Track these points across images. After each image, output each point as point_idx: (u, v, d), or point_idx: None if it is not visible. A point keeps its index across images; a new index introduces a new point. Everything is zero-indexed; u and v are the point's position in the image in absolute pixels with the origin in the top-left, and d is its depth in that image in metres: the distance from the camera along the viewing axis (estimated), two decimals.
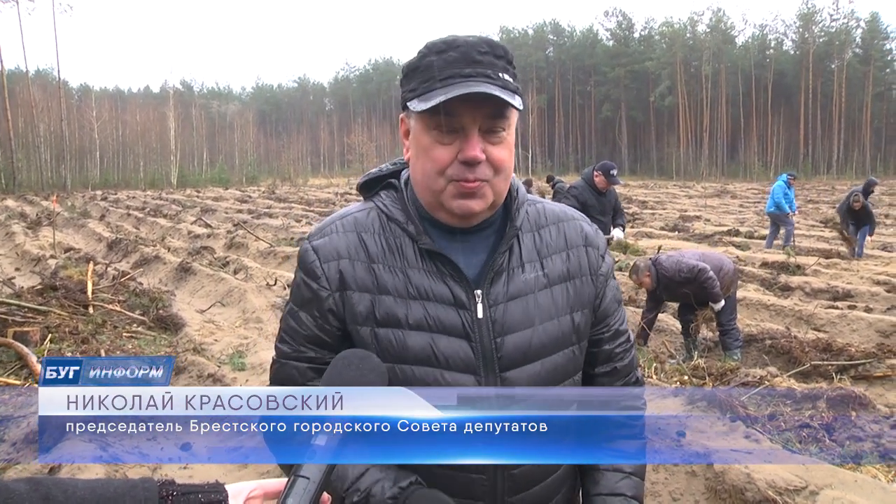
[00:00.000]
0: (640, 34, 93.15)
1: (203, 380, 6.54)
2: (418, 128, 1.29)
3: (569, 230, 1.45)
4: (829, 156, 76.51)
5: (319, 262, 1.35)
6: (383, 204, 1.39)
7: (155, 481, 0.93)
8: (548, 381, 1.35)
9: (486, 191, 1.28)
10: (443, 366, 1.29)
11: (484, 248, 1.36)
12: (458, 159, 1.25)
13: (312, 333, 1.35)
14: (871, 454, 4.59)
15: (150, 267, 13.40)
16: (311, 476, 0.93)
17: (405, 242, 1.34)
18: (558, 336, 1.37)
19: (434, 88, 1.22)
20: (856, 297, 9.66)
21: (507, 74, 1.25)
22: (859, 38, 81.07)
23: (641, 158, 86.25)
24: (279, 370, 1.40)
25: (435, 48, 1.26)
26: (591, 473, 1.46)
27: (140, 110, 77.68)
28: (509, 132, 1.29)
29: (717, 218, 22.72)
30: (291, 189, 48.43)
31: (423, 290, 1.31)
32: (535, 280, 1.37)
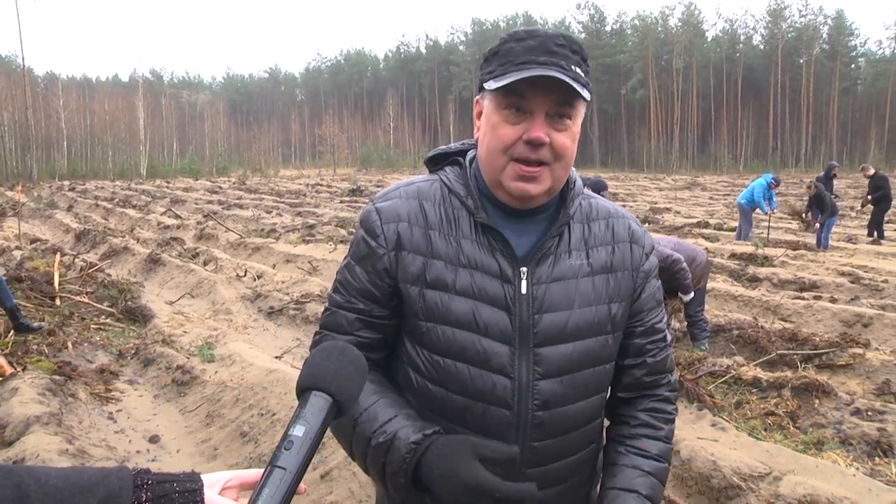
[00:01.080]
0: (612, 27, 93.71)
1: (172, 371, 6.49)
2: (490, 106, 1.35)
3: (617, 226, 1.51)
4: (797, 149, 77.71)
5: (381, 221, 1.42)
6: (447, 178, 1.46)
7: (130, 470, 0.93)
8: (579, 364, 1.41)
9: (545, 176, 1.34)
10: (482, 332, 1.36)
11: (536, 231, 1.43)
12: (523, 139, 1.31)
13: (364, 287, 1.42)
14: (832, 440, 4.69)
15: (119, 258, 13.23)
16: (287, 467, 0.92)
17: (462, 215, 1.41)
18: (594, 322, 1.42)
19: (509, 70, 1.29)
20: (821, 288, 9.84)
21: (580, 69, 1.32)
22: (826, 35, 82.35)
23: (612, 151, 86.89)
24: (329, 317, 1.47)
25: (516, 36, 1.34)
26: (610, 468, 1.50)
27: (108, 99, 76.47)
28: (575, 121, 1.35)
29: (687, 210, 22.99)
30: (262, 180, 48.05)
31: (473, 260, 1.38)
32: (579, 267, 1.43)
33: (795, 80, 79.29)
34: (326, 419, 1.00)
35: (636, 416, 1.54)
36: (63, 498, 0.85)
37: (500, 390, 1.37)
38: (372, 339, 1.44)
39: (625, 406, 1.57)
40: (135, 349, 7.30)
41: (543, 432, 1.40)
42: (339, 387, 1.03)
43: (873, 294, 9.45)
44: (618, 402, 1.58)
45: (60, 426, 4.93)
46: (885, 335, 7.46)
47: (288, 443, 0.95)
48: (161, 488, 0.91)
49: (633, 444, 1.51)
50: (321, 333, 1.49)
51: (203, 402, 5.83)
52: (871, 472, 4.27)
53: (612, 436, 1.57)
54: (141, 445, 5.19)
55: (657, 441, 1.51)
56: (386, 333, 1.45)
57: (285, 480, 0.91)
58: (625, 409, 1.56)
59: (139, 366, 6.92)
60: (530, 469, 1.40)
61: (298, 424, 0.97)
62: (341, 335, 1.43)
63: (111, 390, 6.23)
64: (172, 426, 5.61)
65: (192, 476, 0.95)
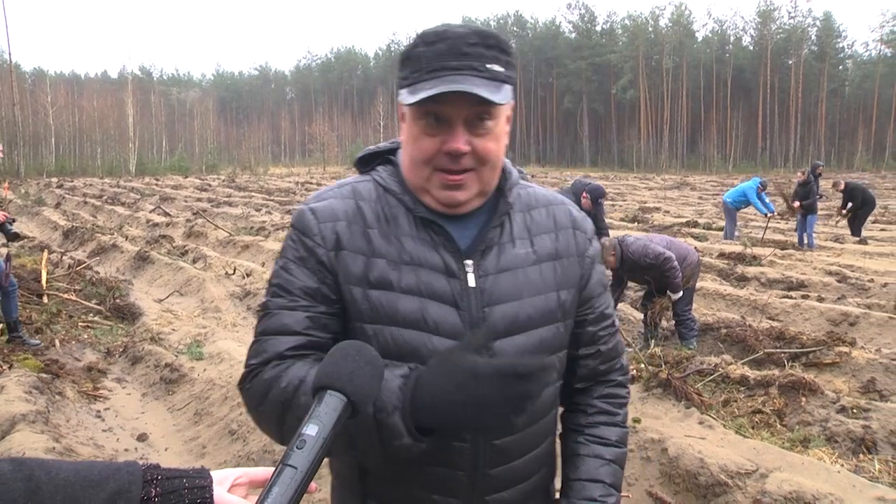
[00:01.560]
0: (603, 27, 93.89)
1: (160, 369, 6.47)
2: (409, 116, 1.31)
3: (558, 213, 1.50)
4: (785, 149, 78.11)
5: (317, 221, 1.36)
6: (380, 177, 1.42)
7: (139, 464, 0.93)
8: (532, 354, 1.38)
9: (472, 181, 1.32)
10: (432, 331, 1.31)
11: (476, 224, 1.39)
12: (442, 150, 1.28)
13: (308, 285, 1.34)
14: (818, 438, 4.73)
15: (108, 256, 13.16)
16: (298, 466, 0.91)
17: (400, 212, 1.37)
18: (545, 310, 1.40)
19: (422, 80, 1.24)
20: (809, 287, 9.90)
21: (498, 64, 1.27)
22: (814, 36, 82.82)
23: (602, 150, 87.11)
24: (270, 321, 1.35)
25: (426, 38, 1.28)
26: (572, 459, 1.50)
27: (97, 96, 75.96)
28: (496, 122, 1.31)
29: (677, 209, 23.07)
30: (252, 178, 47.88)
31: (416, 256, 1.34)
32: (525, 256, 1.40)
33: (784, 81, 79.68)
34: (340, 419, 0.99)
35: (592, 404, 1.53)
36: (74, 491, 0.86)
37: None
38: (324, 340, 1.32)
39: (580, 395, 1.55)
40: (123, 347, 7.27)
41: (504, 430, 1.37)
42: (356, 387, 1.02)
43: (860, 293, 9.52)
44: (573, 391, 1.55)
45: (47, 424, 4.91)
46: (870, 334, 7.52)
47: (300, 441, 0.94)
48: (170, 484, 0.92)
49: (593, 433, 1.50)
50: (262, 340, 1.34)
51: (191, 400, 5.81)
52: (856, 468, 4.30)
53: (570, 425, 1.55)
54: (129, 444, 5.18)
55: (615, 427, 1.52)
56: (337, 334, 1.34)
57: (296, 480, 0.90)
58: (580, 397, 1.55)
59: (127, 364, 6.90)
60: (493, 469, 1.37)
61: (312, 423, 0.96)
62: (289, 336, 1.32)
63: (99, 388, 6.21)
64: (160, 424, 5.59)
65: (202, 472, 0.95)
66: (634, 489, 4.18)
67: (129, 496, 0.88)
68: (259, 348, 1.34)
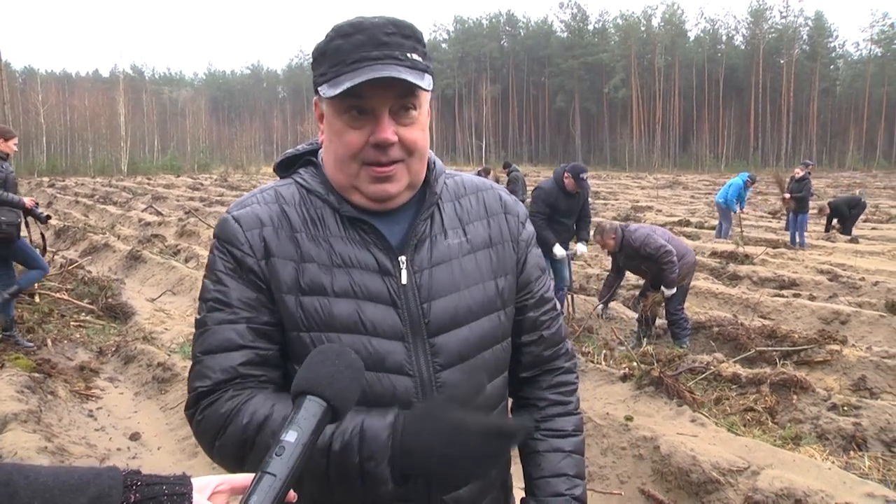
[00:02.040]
0: (595, 26, 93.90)
1: (153, 368, 6.45)
2: (330, 112, 1.28)
3: (488, 198, 1.47)
4: (778, 148, 78.36)
5: (242, 229, 1.30)
6: (303, 179, 1.37)
7: (120, 470, 0.92)
8: (476, 346, 1.35)
9: (402, 172, 1.29)
10: (370, 332, 1.27)
11: (405, 217, 1.36)
12: (369, 142, 1.25)
13: (244, 295, 1.28)
14: (809, 435, 4.75)
15: (100, 255, 13.12)
16: (277, 473, 0.90)
17: (326, 213, 1.32)
18: (484, 301, 1.37)
19: (343, 73, 1.21)
20: (800, 286, 9.95)
21: (416, 54, 1.25)
22: (806, 36, 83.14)
23: (595, 149, 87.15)
24: (212, 337, 1.28)
25: (342, 31, 1.25)
26: (532, 457, 1.47)
27: (89, 95, 75.67)
28: (420, 112, 1.29)
29: (669, 208, 23.14)
30: (244, 177, 47.79)
31: (347, 257, 1.29)
32: (458, 246, 1.37)
33: (776, 81, 79.94)
34: (320, 425, 0.97)
35: (543, 397, 1.51)
36: (53, 496, 0.84)
37: (401, 391, 1.28)
38: (270, 351, 1.28)
39: (529, 387, 1.52)
40: (115, 346, 7.25)
41: None
42: (335, 391, 0.99)
43: (851, 292, 9.57)
44: (521, 384, 1.53)
45: (39, 424, 4.89)
46: (861, 332, 7.56)
47: (279, 448, 0.92)
48: (150, 490, 0.91)
49: (549, 427, 1.48)
50: (204, 360, 1.27)
51: (184, 399, 5.76)
52: (846, 465, 4.34)
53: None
54: (121, 443, 5.17)
55: (570, 416, 1.50)
56: (281, 345, 1.29)
57: (274, 487, 0.89)
58: (529, 390, 1.52)
59: (120, 363, 6.88)
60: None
61: (291, 430, 0.94)
62: (235, 352, 1.26)
63: (91, 388, 6.19)
64: (153, 423, 5.58)
65: (182, 479, 0.94)
66: (627, 487, 4.19)
67: (109, 501, 0.87)
68: (203, 369, 1.26)
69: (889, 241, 14.79)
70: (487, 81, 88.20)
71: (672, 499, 3.99)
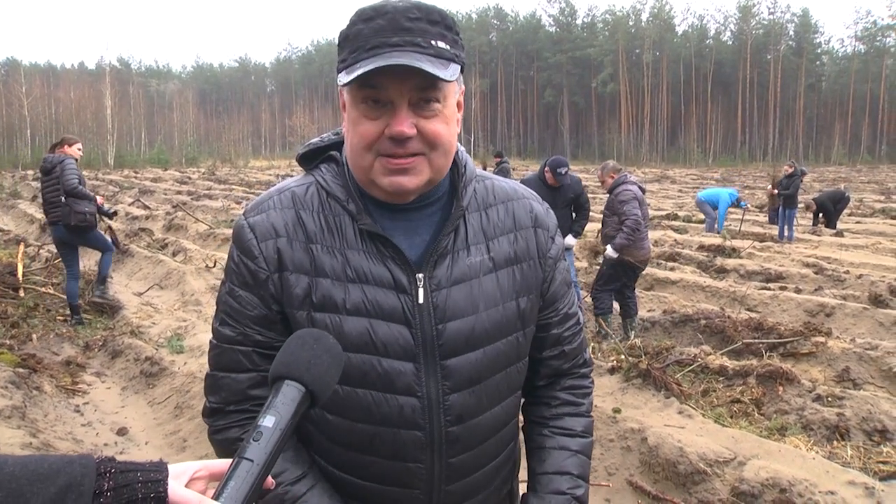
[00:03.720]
0: (583, 21, 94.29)
1: (140, 363, 6.42)
2: (348, 100, 1.21)
3: (518, 210, 1.39)
4: (764, 143, 78.90)
5: (257, 240, 1.26)
6: (323, 179, 1.31)
7: (93, 458, 0.89)
8: (490, 369, 1.31)
9: (422, 166, 1.20)
10: (381, 353, 1.23)
11: (428, 228, 1.30)
12: (385, 135, 1.17)
13: (259, 314, 1.27)
14: (794, 426, 4.80)
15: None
16: (255, 459, 0.89)
17: (345, 222, 1.26)
18: (502, 322, 1.31)
19: (360, 59, 1.14)
20: (787, 279, 10.02)
21: (443, 41, 1.16)
22: (792, 32, 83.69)
23: (583, 143, 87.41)
24: (221, 356, 1.30)
25: (364, 15, 1.18)
26: (538, 452, 1.45)
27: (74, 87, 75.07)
28: (445, 104, 1.20)
29: (657, 203, 23.23)
30: (232, 170, 47.58)
31: (363, 272, 1.24)
32: (480, 264, 1.30)
33: (763, 76, 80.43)
34: (299, 409, 0.97)
35: (556, 396, 1.48)
36: (19, 486, 0.82)
37: (408, 412, 1.25)
38: None
39: (543, 388, 1.50)
40: (102, 341, 7.21)
41: (459, 447, 1.30)
42: (314, 376, 0.99)
43: (836, 285, 9.65)
44: (535, 387, 1.51)
45: (24, 419, 4.86)
46: (846, 324, 7.63)
47: (257, 434, 0.92)
48: (124, 477, 0.88)
49: (558, 425, 1.45)
50: (216, 376, 1.31)
51: (172, 393, 5.78)
52: (830, 454, 4.38)
53: (534, 418, 1.50)
54: (108, 438, 5.14)
55: (580, 417, 1.47)
56: None
57: (252, 473, 0.89)
58: (544, 391, 1.50)
59: (107, 358, 6.85)
60: (450, 485, 1.32)
61: (269, 415, 0.94)
62: (242, 373, 1.27)
63: (78, 383, 6.16)
64: (141, 418, 5.56)
65: (158, 465, 0.92)
66: (615, 478, 4.22)
67: (82, 489, 0.84)
68: (216, 385, 1.31)
69: (873, 235, 14.92)
70: (476, 75, 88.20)
71: (659, 490, 4.01)
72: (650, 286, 9.60)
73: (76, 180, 7.53)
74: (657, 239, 13.58)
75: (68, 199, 7.53)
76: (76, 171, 7.63)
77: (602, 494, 4.11)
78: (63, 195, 7.54)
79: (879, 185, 32.35)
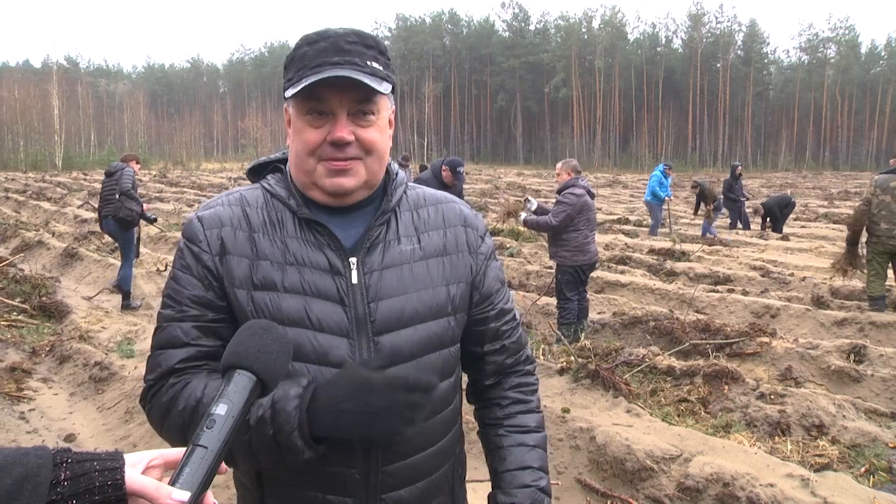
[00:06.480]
0: (536, 27, 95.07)
1: (90, 368, 6.32)
2: (294, 113, 1.35)
3: (447, 211, 1.52)
4: (714, 149, 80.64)
5: (203, 228, 1.38)
6: (268, 183, 1.44)
7: (49, 449, 0.91)
8: (422, 348, 1.39)
9: (359, 169, 1.35)
10: (316, 328, 1.32)
11: (363, 222, 1.42)
12: (327, 140, 1.31)
13: (194, 293, 1.35)
14: (739, 423, 4.95)
15: (33, 253, 12.73)
16: (209, 445, 0.93)
17: (286, 216, 1.39)
18: (432, 305, 1.41)
19: (305, 76, 1.29)
20: (734, 282, 10.29)
21: (377, 63, 1.33)
22: (741, 41, 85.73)
23: (536, 148, 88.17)
24: (161, 335, 1.37)
25: (308, 39, 1.33)
26: (497, 452, 1.52)
27: (19, 86, 72.84)
28: (379, 116, 1.36)
29: (609, 207, 23.57)
30: (183, 173, 46.81)
31: (300, 257, 1.35)
32: (410, 252, 1.42)
33: (713, 84, 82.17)
34: (250, 397, 1.00)
35: (506, 396, 1.56)
36: None
37: None
38: (213, 347, 1.34)
39: (491, 389, 1.58)
40: (50, 346, 7.06)
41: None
42: (264, 364, 1.03)
43: (781, 287, 9.94)
44: (483, 389, 1.59)
45: None
46: (789, 325, 7.88)
47: (210, 421, 0.95)
48: (81, 467, 0.90)
49: (512, 423, 1.53)
50: (155, 354, 1.37)
51: (122, 398, 5.70)
52: (771, 449, 4.53)
53: (487, 420, 1.58)
54: (55, 445, 5.05)
55: (532, 413, 1.56)
56: (226, 340, 1.22)
57: (206, 459, 0.92)
58: (491, 391, 1.58)
59: (54, 363, 6.71)
60: (388, 466, 1.37)
61: (221, 403, 0.97)
62: (179, 349, 1.34)
63: (23, 389, 6.03)
64: (90, 424, 5.47)
65: (115, 455, 0.93)
66: (564, 477, 4.30)
67: (38, 480, 0.85)
68: (153, 363, 1.36)
69: (817, 239, 15.39)
70: (430, 79, 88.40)
71: (608, 487, 4.11)
72: (601, 289, 9.76)
73: (129, 185, 9.20)
74: (608, 242, 13.82)
75: (121, 197, 9.13)
76: (132, 178, 9.29)
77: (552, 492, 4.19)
78: (118, 194, 9.13)
79: (823, 190, 33.31)
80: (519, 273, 10.70)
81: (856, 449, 4.57)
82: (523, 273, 10.75)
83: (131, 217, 9.16)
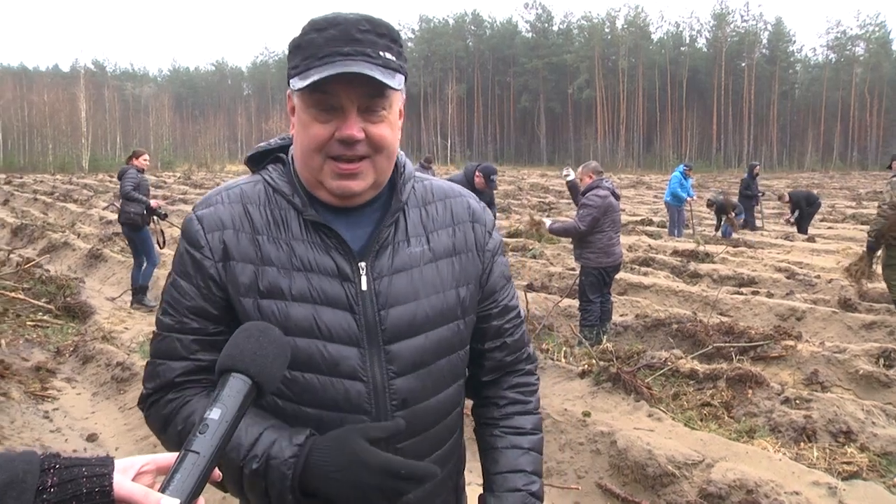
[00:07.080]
0: (559, 27, 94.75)
1: (112, 368, 6.37)
2: (299, 105, 1.28)
3: (455, 206, 1.46)
4: (739, 149, 79.84)
5: (203, 231, 1.31)
6: (270, 177, 1.37)
7: (37, 454, 0.89)
8: (433, 355, 1.36)
9: (368, 170, 1.28)
10: (325, 337, 1.28)
11: (370, 221, 1.36)
12: (335, 137, 1.24)
13: (196, 304, 1.31)
14: (763, 428, 4.86)
15: (59, 254, 12.89)
16: (201, 451, 0.90)
17: (290, 215, 1.32)
18: (443, 309, 1.37)
19: (312, 66, 1.21)
20: (759, 284, 10.14)
21: (390, 53, 1.24)
22: (766, 40, 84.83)
23: (559, 149, 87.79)
24: (160, 344, 1.34)
25: (316, 25, 1.25)
26: (490, 453, 1.49)
27: (48, 90, 74.05)
28: (390, 111, 1.28)
29: (632, 208, 23.40)
30: (208, 175, 47.23)
31: (307, 261, 1.29)
32: (420, 254, 1.37)
33: (738, 83, 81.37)
34: (245, 402, 0.98)
35: (504, 396, 1.53)
36: None
37: (354, 396, 1.29)
38: (213, 361, 1.21)
39: (489, 387, 1.54)
40: (73, 346, 7.14)
41: (406, 433, 1.32)
42: (259, 368, 1.00)
43: (807, 289, 9.79)
44: (481, 385, 1.55)
45: None
46: (815, 328, 7.75)
47: (203, 426, 0.92)
48: (69, 472, 0.89)
49: (508, 424, 1.50)
50: (154, 363, 1.34)
51: None
52: (796, 456, 4.44)
53: (483, 420, 1.55)
54: (78, 444, 5.09)
55: (529, 415, 1.52)
56: None
57: (198, 465, 0.90)
58: (490, 390, 1.54)
59: (78, 363, 6.78)
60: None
61: (215, 407, 0.95)
62: (178, 361, 1.31)
63: (48, 388, 6.09)
64: (111, 424, 5.51)
65: (104, 460, 0.92)
66: (584, 482, 4.25)
67: (24, 486, 0.84)
68: (152, 372, 1.34)
69: (844, 240, 15.15)
70: (453, 81, 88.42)
71: (629, 492, 4.05)
72: (623, 291, 9.67)
73: (130, 187, 9.03)
74: (631, 244, 13.70)
75: (122, 200, 9.18)
76: (133, 180, 9.11)
77: (572, 497, 4.14)
78: (120, 198, 9.21)
79: (851, 191, 32.84)
80: (541, 275, 10.64)
81: (887, 457, 4.45)
82: (546, 275, 10.69)
83: (133, 219, 9.12)
